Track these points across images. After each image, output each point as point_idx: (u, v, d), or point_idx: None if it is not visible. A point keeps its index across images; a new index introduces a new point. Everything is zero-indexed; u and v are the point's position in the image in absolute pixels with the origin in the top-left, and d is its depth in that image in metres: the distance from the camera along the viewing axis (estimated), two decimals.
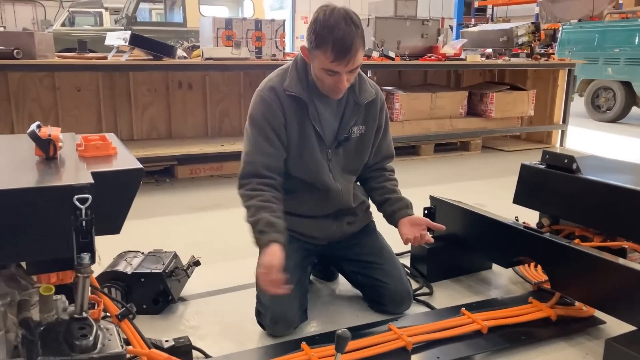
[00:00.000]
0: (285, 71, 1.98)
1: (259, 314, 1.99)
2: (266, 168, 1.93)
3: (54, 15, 15.32)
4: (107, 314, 1.50)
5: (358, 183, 2.23)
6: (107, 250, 2.30)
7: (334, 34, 1.72)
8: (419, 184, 2.50)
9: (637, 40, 7.68)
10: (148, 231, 3.14)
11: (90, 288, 1.40)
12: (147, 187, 4.09)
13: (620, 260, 1.83)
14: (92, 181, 1.05)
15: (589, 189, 2.29)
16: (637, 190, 2.10)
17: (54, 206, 1.02)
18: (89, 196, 1.04)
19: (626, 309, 1.77)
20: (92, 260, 1.06)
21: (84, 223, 1.04)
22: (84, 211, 1.03)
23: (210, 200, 3.74)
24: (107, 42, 4.24)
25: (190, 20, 9.00)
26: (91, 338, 1.02)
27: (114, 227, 1.18)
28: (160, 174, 4.34)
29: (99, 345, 1.03)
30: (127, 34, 3.79)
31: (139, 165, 1.19)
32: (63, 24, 10.55)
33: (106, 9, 12.11)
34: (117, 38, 3.99)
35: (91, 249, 1.06)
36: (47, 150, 1.23)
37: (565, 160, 2.40)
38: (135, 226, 3.21)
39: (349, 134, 2.02)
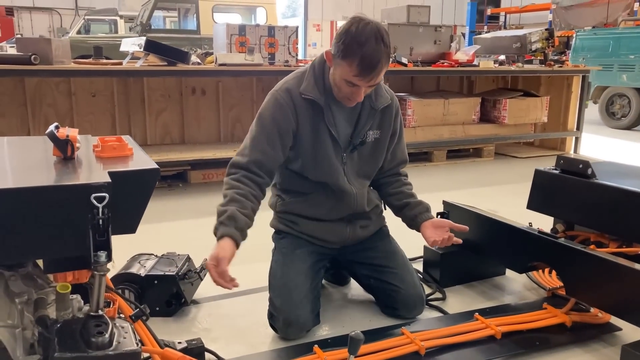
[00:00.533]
0: (302, 74, 1.99)
1: (271, 316, 1.99)
2: (257, 165, 1.91)
3: (70, 23, 15.58)
4: (121, 315, 1.51)
5: (371, 187, 2.23)
6: (120, 253, 2.32)
7: (363, 49, 1.73)
8: (432, 189, 2.49)
9: None
10: (161, 235, 3.16)
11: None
12: (160, 191, 4.12)
13: (637, 266, 1.80)
14: (109, 180, 1.07)
15: (604, 194, 2.27)
16: None
17: (71, 204, 1.04)
18: (106, 195, 1.05)
19: None
20: (109, 258, 1.07)
21: (100, 221, 1.05)
22: (100, 210, 1.05)
23: None
24: (122, 48, 4.29)
25: (204, 27, 9.09)
26: (107, 335, 1.03)
27: (130, 227, 1.19)
28: (174, 178, 4.37)
29: (114, 343, 1.04)
30: (142, 40, 3.83)
31: (155, 166, 1.20)
32: (79, 32, 10.73)
33: (121, 16, 12.27)
34: (132, 44, 4.04)
35: (108, 247, 1.07)
36: (64, 150, 1.25)
37: (580, 166, 2.38)
38: (148, 230, 3.24)
39: (364, 138, 2.03)
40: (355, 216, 2.13)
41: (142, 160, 1.27)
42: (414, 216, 2.11)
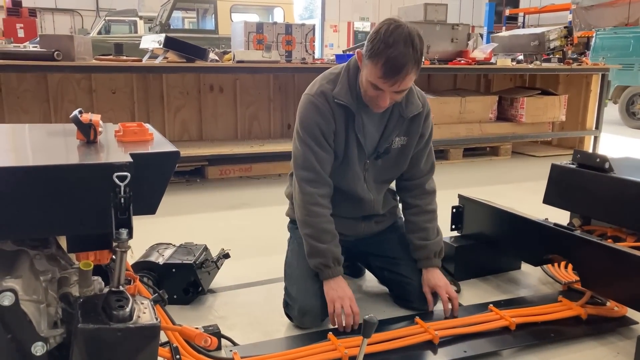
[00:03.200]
0: (336, 77, 1.95)
1: (287, 305, 2.02)
2: (325, 172, 1.94)
3: (90, 24, 15.83)
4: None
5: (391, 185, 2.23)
6: (139, 243, 2.36)
7: (389, 51, 1.69)
8: (448, 187, 2.50)
9: None
10: (179, 227, 3.21)
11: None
12: (178, 186, 4.18)
13: None
14: (131, 160, 1.10)
15: (622, 188, 2.25)
16: None
17: (95, 183, 1.07)
18: (128, 174, 1.08)
19: None
20: (130, 235, 1.11)
21: (122, 200, 1.09)
22: (122, 188, 1.08)
23: (239, 200, 3.80)
24: (142, 45, 4.37)
25: (222, 27, 9.19)
26: (127, 309, 1.06)
27: (150, 208, 1.22)
28: (191, 174, 4.43)
29: (134, 317, 1.07)
30: (162, 37, 3.90)
31: (175, 149, 1.24)
32: (99, 32, 10.91)
33: (141, 17, 12.44)
34: (151, 41, 4.11)
35: (129, 225, 1.10)
36: (88, 134, 1.29)
37: (598, 160, 2.37)
38: (167, 222, 3.30)
39: (390, 145, 2.00)
40: (373, 217, 2.16)
41: (162, 143, 1.31)
42: (420, 250, 2.10)
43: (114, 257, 1.20)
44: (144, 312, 1.11)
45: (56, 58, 3.59)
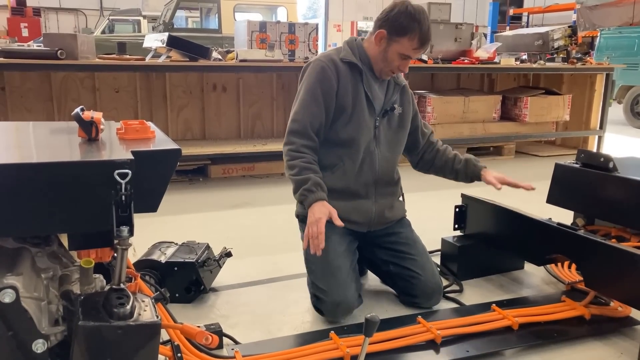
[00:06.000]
0: (338, 48, 2.20)
1: (317, 300, 2.03)
2: (312, 127, 2.07)
3: (94, 23, 15.86)
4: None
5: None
6: (142, 241, 2.37)
7: (422, 26, 2.02)
8: (451, 186, 2.50)
9: None
10: (182, 226, 3.21)
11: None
12: (180, 185, 4.19)
13: None
14: (132, 157, 1.10)
15: (626, 187, 2.24)
16: None
17: (96, 180, 1.07)
18: (129, 171, 1.08)
19: None
20: (131, 233, 1.11)
21: (123, 197, 1.08)
22: (123, 185, 1.08)
23: (242, 199, 3.80)
24: (146, 44, 4.37)
25: (225, 26, 9.17)
26: (128, 307, 1.06)
27: (151, 205, 1.22)
28: (194, 173, 4.43)
29: (135, 314, 1.07)
30: (165, 35, 3.90)
31: (176, 147, 1.24)
32: (103, 32, 10.92)
33: (144, 17, 12.44)
34: (154, 40, 4.11)
35: (130, 223, 1.10)
36: (89, 131, 1.29)
37: (602, 159, 2.35)
38: (170, 221, 3.30)
39: (393, 107, 2.19)
40: (381, 192, 2.17)
41: (163, 141, 1.31)
42: (470, 166, 2.27)
43: (115, 255, 1.20)
44: (145, 310, 1.11)
45: (59, 57, 3.59)
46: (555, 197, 2.53)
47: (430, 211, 3.25)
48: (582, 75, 5.74)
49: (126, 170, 1.08)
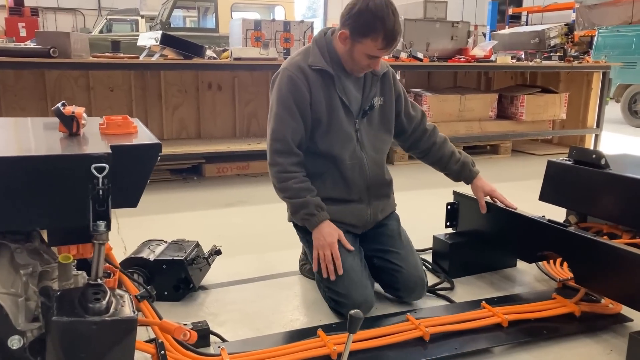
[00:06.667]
0: (307, 50, 2.07)
1: (337, 303, 2.01)
2: (294, 142, 2.02)
3: (92, 23, 15.85)
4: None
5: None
6: (134, 239, 2.36)
7: (385, 24, 1.85)
8: (447, 185, 2.50)
9: None
10: (174, 225, 3.20)
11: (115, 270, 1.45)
12: (175, 184, 4.18)
13: None
14: (110, 151, 1.09)
15: (618, 184, 2.23)
16: None
17: (72, 174, 1.06)
18: (106, 165, 1.07)
19: None
20: (108, 227, 1.09)
21: (100, 192, 1.07)
22: (101, 180, 1.07)
23: (236, 198, 3.78)
24: (140, 42, 4.36)
25: (223, 26, 9.16)
26: (104, 302, 1.05)
27: (131, 200, 1.21)
28: (189, 172, 4.42)
29: (111, 310, 1.05)
30: (158, 33, 3.89)
31: (157, 141, 1.22)
32: (101, 31, 10.92)
33: (142, 16, 12.44)
34: (148, 38, 4.10)
35: (107, 217, 1.09)
36: (70, 126, 1.28)
37: (594, 156, 2.34)
38: (163, 220, 3.29)
39: (372, 104, 2.11)
40: (374, 194, 2.15)
41: (144, 136, 1.30)
42: (465, 171, 2.30)
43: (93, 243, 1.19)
44: (122, 305, 1.09)
45: (52, 55, 3.58)
46: (548, 195, 2.52)
47: (422, 209, 3.24)
48: (579, 74, 5.73)
49: (103, 165, 1.07)
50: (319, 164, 2.08)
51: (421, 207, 2.65)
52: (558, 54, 5.61)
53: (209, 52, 4.37)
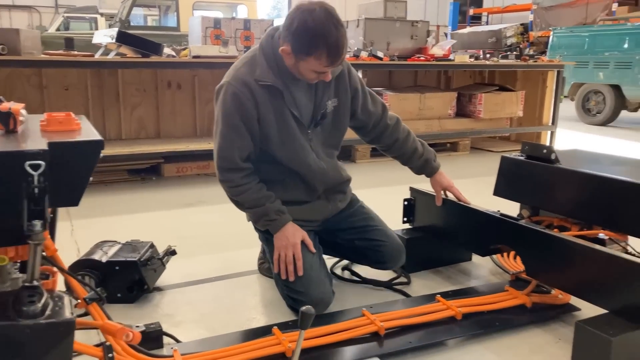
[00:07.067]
0: (252, 60, 1.94)
1: (294, 301, 1.99)
2: (241, 159, 1.97)
3: (49, 21, 15.40)
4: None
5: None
6: (87, 241, 2.29)
7: (327, 41, 1.75)
8: (408, 182, 2.54)
9: (626, 45, 7.73)
10: (131, 226, 3.13)
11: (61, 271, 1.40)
12: (133, 185, 4.09)
13: (592, 245, 1.82)
14: (46, 148, 1.05)
15: (567, 178, 2.29)
16: (613, 178, 2.11)
17: (5, 171, 1.02)
18: (42, 163, 1.03)
19: (599, 294, 1.76)
20: (44, 227, 1.06)
21: (36, 190, 1.04)
22: (36, 178, 1.03)
23: (196, 197, 3.73)
24: (95, 40, 4.25)
25: (184, 24, 9.03)
26: (39, 305, 1.01)
27: (72, 199, 1.17)
28: (147, 172, 4.33)
29: (47, 312, 1.02)
30: (114, 31, 3.80)
31: (99, 138, 1.19)
32: (58, 29, 10.61)
33: (102, 14, 12.17)
34: (104, 35, 4.00)
35: (43, 217, 1.05)
36: (6, 123, 1.23)
37: (544, 151, 2.40)
38: (118, 221, 3.22)
39: (325, 110, 2.04)
40: (332, 191, 2.16)
41: (86, 133, 1.26)
42: (427, 167, 2.32)
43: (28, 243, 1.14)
44: (59, 307, 1.06)
45: (1, 52, 3.45)
46: (501, 190, 2.56)
47: (381, 206, 3.25)
48: (534, 73, 5.88)
49: (39, 162, 1.03)
50: (279, 171, 2.06)
51: (381, 204, 2.66)
52: (515, 53, 5.75)
53: (167, 50, 4.30)
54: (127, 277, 2.08)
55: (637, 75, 7.58)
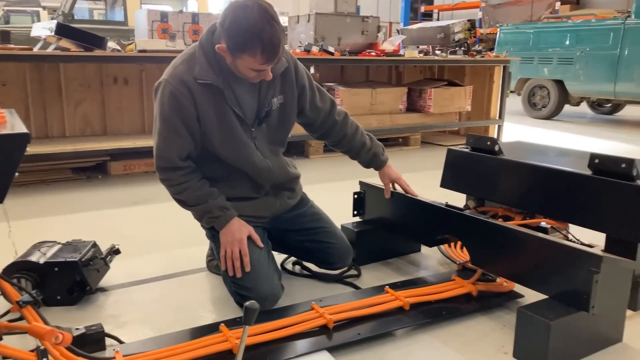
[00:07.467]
0: (191, 57, 1.88)
1: (242, 297, 1.94)
2: (180, 159, 1.93)
3: None
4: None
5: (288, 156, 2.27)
6: (27, 243, 2.18)
7: (262, 38, 1.71)
8: (360, 176, 2.55)
9: (568, 42, 8.04)
10: (75, 226, 3.02)
11: None
12: (77, 183, 3.95)
13: (533, 233, 1.87)
14: None
15: (510, 169, 2.35)
16: (553, 168, 2.18)
17: None
18: None
19: (540, 280, 1.82)
20: None
21: None
22: None
23: (143, 195, 3.63)
24: (33, 33, 4.07)
25: (132, 18, 8.78)
26: None
27: None
28: (93, 170, 4.19)
29: None
30: (53, 23, 3.64)
31: (23, 131, 1.13)
32: None
33: (44, 7, 11.67)
34: (42, 28, 3.83)
35: None
36: None
37: (488, 143, 2.46)
38: (61, 221, 3.10)
39: (270, 107, 2.01)
40: (280, 187, 2.14)
41: (11, 126, 1.19)
42: (375, 160, 2.33)
43: None
44: None
45: None
46: (448, 181, 2.62)
47: (332, 200, 3.26)
48: (482, 68, 6.03)
49: None
50: (223, 168, 2.02)
51: (332, 199, 2.68)
52: (462, 48, 5.87)
53: (112, 44, 4.16)
54: (67, 279, 2.00)
55: (578, 71, 7.90)
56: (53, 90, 4.30)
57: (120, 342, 1.74)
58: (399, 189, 2.38)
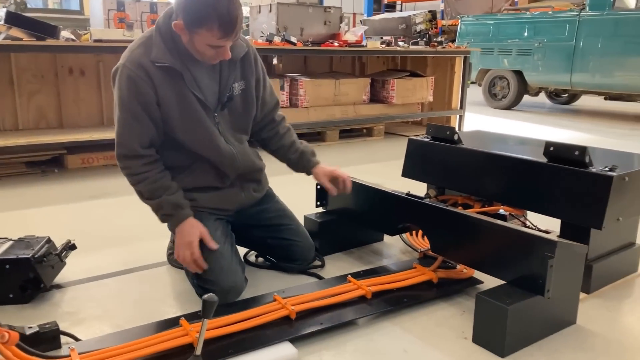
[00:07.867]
0: (148, 40, 1.84)
1: (204, 290, 1.87)
2: (141, 146, 1.89)
3: None
4: None
5: (255, 145, 2.24)
6: None
7: (218, 10, 1.69)
8: None
9: (526, 33, 8.21)
10: (28, 221, 2.92)
11: None
12: (32, 178, 3.82)
13: (490, 220, 1.90)
14: None
15: (468, 158, 2.39)
16: (510, 157, 2.22)
17: None
18: None
19: (498, 266, 1.86)
20: None
21: None
22: None
23: (101, 189, 3.54)
24: None
25: (88, 7, 8.52)
26: None
27: None
28: (48, 164, 4.05)
29: None
30: (3, 11, 3.49)
31: None
32: None
33: None
34: None
35: None
36: None
37: (448, 132, 2.49)
38: (14, 217, 2.99)
39: (231, 92, 1.98)
40: (245, 179, 2.12)
41: None
42: (304, 160, 2.22)
43: None
44: None
45: None
46: (409, 171, 2.64)
47: (296, 192, 3.26)
48: (443, 59, 6.10)
49: None
50: (186, 156, 1.99)
51: (295, 190, 2.67)
52: (424, 39, 5.92)
53: (66, 34, 4.02)
54: (19, 276, 1.93)
55: (536, 62, 8.08)
56: (4, 81, 4.14)
57: (77, 339, 1.69)
58: (348, 185, 2.26)
